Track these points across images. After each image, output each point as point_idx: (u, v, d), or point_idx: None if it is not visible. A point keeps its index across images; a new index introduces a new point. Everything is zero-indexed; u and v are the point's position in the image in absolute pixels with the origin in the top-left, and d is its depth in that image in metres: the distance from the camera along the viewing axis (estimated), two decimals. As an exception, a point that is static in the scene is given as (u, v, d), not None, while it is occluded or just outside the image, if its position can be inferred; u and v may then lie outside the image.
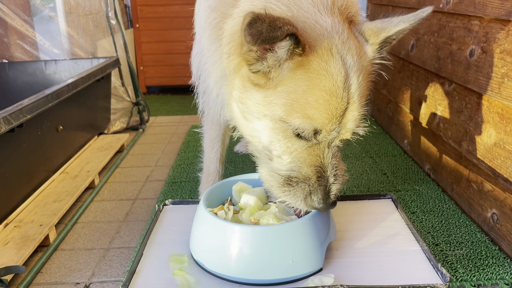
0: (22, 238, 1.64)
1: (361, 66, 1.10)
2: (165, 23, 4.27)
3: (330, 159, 1.13)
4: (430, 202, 1.92)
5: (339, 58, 1.06)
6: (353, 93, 1.08)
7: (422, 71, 2.20)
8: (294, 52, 1.02)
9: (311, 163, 1.13)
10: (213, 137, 1.75)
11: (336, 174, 1.15)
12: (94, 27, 3.26)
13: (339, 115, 1.08)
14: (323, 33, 1.07)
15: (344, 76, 1.06)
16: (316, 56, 1.04)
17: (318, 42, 1.05)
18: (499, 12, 1.51)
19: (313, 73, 1.04)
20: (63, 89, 2.14)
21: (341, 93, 1.05)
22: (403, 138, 2.55)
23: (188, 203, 1.68)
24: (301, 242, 1.20)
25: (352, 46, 1.09)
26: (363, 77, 1.10)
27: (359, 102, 1.09)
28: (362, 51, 1.12)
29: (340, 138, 1.13)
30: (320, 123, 1.07)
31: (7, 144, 1.71)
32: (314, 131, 1.08)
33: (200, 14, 1.51)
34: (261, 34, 0.91)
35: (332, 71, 1.04)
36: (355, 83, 1.08)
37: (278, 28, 0.91)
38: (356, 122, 1.11)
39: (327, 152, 1.13)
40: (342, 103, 1.06)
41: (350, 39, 1.10)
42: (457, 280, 1.41)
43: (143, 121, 3.26)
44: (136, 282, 1.22)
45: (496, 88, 1.54)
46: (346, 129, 1.11)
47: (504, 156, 1.50)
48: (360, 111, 1.11)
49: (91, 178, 2.19)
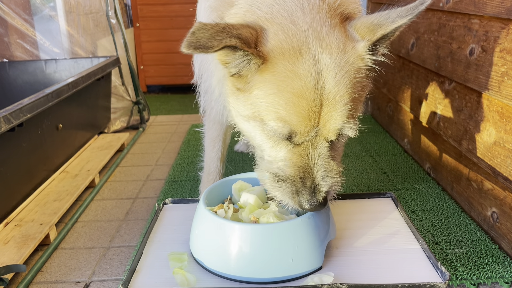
0: (22, 237, 1.64)
1: (342, 64, 1.06)
2: (165, 22, 4.27)
3: (316, 160, 1.11)
4: (430, 200, 1.92)
5: (310, 58, 1.04)
6: (328, 93, 1.04)
7: (422, 70, 2.20)
8: (252, 58, 1.06)
9: (296, 164, 1.12)
10: (214, 136, 1.75)
11: (324, 175, 1.12)
12: (94, 26, 3.26)
13: (312, 116, 1.06)
14: (296, 34, 1.07)
15: (314, 76, 1.04)
16: (282, 58, 1.06)
17: (286, 44, 1.06)
18: (499, 10, 1.51)
19: (280, 75, 1.06)
20: (63, 88, 2.14)
21: (311, 94, 1.04)
22: (403, 137, 2.55)
23: (188, 202, 1.68)
24: (301, 241, 1.20)
25: (332, 43, 1.06)
26: (343, 75, 1.06)
27: (337, 101, 1.05)
28: (346, 48, 1.08)
29: (326, 139, 1.11)
30: (293, 125, 1.07)
31: (7, 143, 1.71)
32: (289, 133, 1.08)
33: (201, 14, 1.53)
34: (197, 42, 0.98)
35: (300, 73, 1.04)
36: (330, 83, 1.04)
37: (216, 40, 0.98)
38: (338, 122, 1.07)
39: (312, 152, 1.11)
40: (313, 104, 1.04)
41: (330, 36, 1.07)
42: (457, 279, 1.41)
43: (143, 120, 3.26)
44: (136, 280, 1.22)
45: (496, 86, 1.53)
46: (327, 130, 1.08)
47: (504, 155, 1.50)
48: (341, 111, 1.06)
49: (91, 177, 2.19)
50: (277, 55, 1.06)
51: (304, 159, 1.12)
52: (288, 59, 1.05)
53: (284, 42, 1.07)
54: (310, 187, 1.12)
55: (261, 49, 1.07)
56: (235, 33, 1.02)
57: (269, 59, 1.07)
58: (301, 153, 1.12)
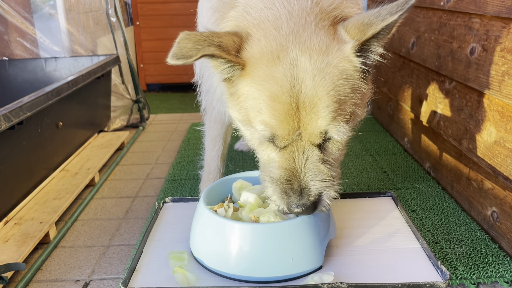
0: (22, 235, 1.64)
1: (322, 66, 1.05)
2: (165, 21, 4.26)
3: (304, 163, 1.10)
4: (430, 200, 1.92)
5: (288, 62, 1.05)
6: (305, 96, 1.04)
7: (423, 69, 2.20)
8: (233, 64, 1.10)
9: (283, 166, 1.13)
10: (215, 135, 1.75)
11: (312, 178, 1.11)
12: (94, 24, 3.26)
13: (290, 120, 1.05)
14: (276, 39, 1.08)
15: (290, 80, 1.04)
16: (261, 63, 1.07)
17: (266, 49, 1.08)
18: (499, 10, 1.50)
19: (259, 80, 1.07)
20: (63, 86, 2.14)
21: (287, 98, 1.04)
22: (404, 136, 2.55)
23: (188, 200, 1.68)
24: (301, 240, 1.20)
25: (313, 46, 1.06)
26: (323, 78, 1.04)
27: (315, 104, 1.04)
28: (330, 50, 1.06)
29: (311, 142, 1.09)
30: (273, 129, 1.08)
31: (7, 141, 1.71)
32: (271, 136, 1.10)
33: (204, 15, 1.54)
34: (180, 52, 1.03)
35: (276, 76, 1.05)
36: (307, 86, 1.04)
37: (196, 49, 1.03)
38: (318, 125, 1.05)
39: (298, 156, 1.10)
40: (289, 107, 1.04)
41: (313, 39, 1.06)
42: (457, 278, 1.41)
43: (143, 118, 3.26)
44: (136, 279, 1.22)
45: (497, 86, 1.53)
46: (308, 133, 1.07)
47: (504, 154, 1.50)
48: (321, 114, 1.04)
49: (91, 176, 2.19)
50: (257, 60, 1.08)
51: (290, 162, 1.11)
52: (266, 64, 1.07)
53: (264, 47, 1.08)
54: (297, 190, 1.11)
55: (242, 55, 1.10)
56: (216, 41, 1.06)
57: (249, 64, 1.09)
58: (288, 156, 1.11)
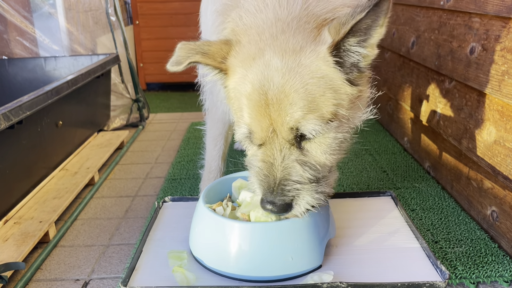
0: (22, 234, 1.64)
1: (293, 66, 1.07)
2: (165, 20, 4.26)
3: (280, 162, 1.11)
4: (430, 199, 1.92)
5: (262, 63, 1.08)
6: (273, 93, 1.06)
7: (423, 68, 2.20)
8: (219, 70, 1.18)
9: (263, 160, 1.14)
10: (216, 135, 1.75)
11: (287, 178, 1.11)
12: (94, 23, 3.26)
13: (261, 117, 1.09)
14: (257, 43, 1.12)
15: (260, 79, 1.08)
16: (240, 66, 1.13)
17: (247, 53, 1.13)
18: (499, 9, 1.50)
19: (237, 82, 1.14)
20: (63, 85, 2.14)
21: (257, 95, 1.08)
22: (403, 135, 2.55)
23: (188, 200, 1.68)
24: (300, 239, 1.20)
25: (288, 48, 1.08)
26: (293, 76, 1.06)
27: (282, 100, 1.06)
28: (303, 51, 1.08)
29: (285, 139, 1.10)
30: (249, 126, 1.12)
31: (7, 140, 1.71)
32: (249, 133, 1.14)
33: (208, 17, 1.55)
34: (175, 60, 1.16)
35: (250, 77, 1.10)
36: (276, 83, 1.06)
37: (187, 56, 1.14)
38: (287, 120, 1.06)
39: (275, 153, 1.12)
40: (259, 105, 1.08)
41: (289, 41, 1.09)
42: (456, 278, 1.41)
43: (143, 118, 3.25)
44: (136, 278, 1.22)
45: (497, 85, 1.53)
46: (279, 129, 1.09)
47: (504, 154, 1.50)
48: (288, 110, 1.06)
49: (90, 175, 2.19)
50: (237, 64, 1.14)
51: (269, 158, 1.13)
52: (244, 67, 1.12)
53: (246, 52, 1.13)
54: (270, 186, 1.12)
55: (227, 61, 1.16)
56: (205, 49, 1.16)
57: (231, 69, 1.16)
58: (266, 154, 1.13)
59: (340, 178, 2.16)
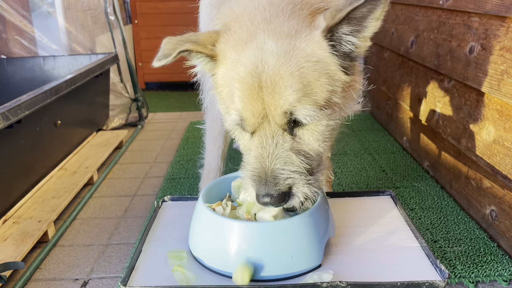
0: (20, 234, 1.64)
1: (288, 48, 1.05)
2: (164, 19, 4.26)
3: (273, 150, 1.09)
4: (429, 199, 1.92)
5: (254, 46, 1.06)
6: (267, 76, 1.04)
7: (422, 68, 2.20)
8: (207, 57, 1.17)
9: (254, 153, 1.12)
10: (215, 134, 1.74)
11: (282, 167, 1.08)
12: (93, 23, 3.25)
13: (254, 101, 1.06)
14: (249, 28, 1.11)
15: (253, 61, 1.05)
16: (231, 51, 1.11)
17: (238, 38, 1.11)
18: (499, 8, 1.50)
19: (228, 66, 1.12)
20: (62, 85, 2.13)
21: (249, 78, 1.05)
22: (402, 135, 2.55)
23: (187, 199, 1.68)
24: (300, 239, 1.20)
25: (282, 31, 1.06)
26: (288, 59, 1.04)
27: (276, 83, 1.03)
28: (299, 34, 1.06)
29: (278, 125, 1.07)
30: (240, 112, 1.09)
31: (6, 140, 1.71)
32: (240, 120, 1.11)
33: (203, 11, 1.53)
34: (162, 54, 1.15)
35: (242, 60, 1.08)
36: (270, 66, 1.04)
37: (174, 49, 1.13)
38: (280, 103, 1.04)
39: (266, 140, 1.09)
40: (252, 88, 1.05)
41: (284, 25, 1.07)
42: (456, 277, 1.41)
43: (142, 117, 3.25)
44: (135, 278, 1.22)
45: (496, 85, 1.53)
46: (272, 113, 1.06)
47: (503, 153, 1.50)
48: (283, 93, 1.03)
49: (89, 174, 2.19)
50: (228, 49, 1.12)
51: (259, 148, 1.10)
52: (235, 51, 1.10)
53: (237, 37, 1.11)
54: (263, 178, 1.09)
55: (217, 47, 1.14)
56: (194, 38, 1.15)
57: (221, 54, 1.13)
58: (257, 142, 1.10)
59: (339, 178, 2.16)
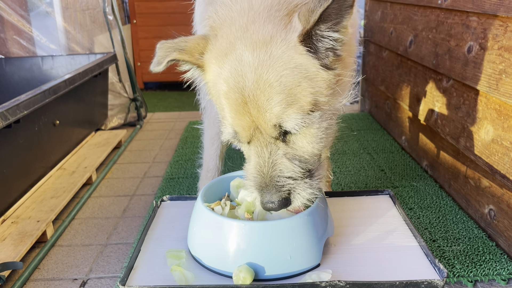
0: (19, 234, 1.64)
1: (264, 59, 1.04)
2: (163, 19, 4.25)
3: (267, 158, 1.10)
4: (428, 198, 1.92)
5: (234, 58, 1.06)
6: (249, 90, 1.04)
7: (420, 67, 2.20)
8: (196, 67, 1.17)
9: (253, 162, 1.14)
10: (213, 134, 1.74)
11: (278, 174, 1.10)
12: (91, 22, 3.25)
13: (242, 115, 1.07)
14: (228, 37, 1.09)
15: (235, 76, 1.05)
16: (214, 63, 1.11)
17: (219, 48, 1.10)
18: (497, 8, 1.50)
19: (214, 80, 1.12)
20: (60, 84, 2.13)
21: (234, 94, 1.06)
22: (401, 134, 2.55)
23: (186, 199, 1.68)
24: (299, 238, 1.20)
25: (258, 39, 1.05)
26: (266, 70, 1.03)
27: (258, 97, 1.03)
28: (274, 41, 1.05)
29: (269, 135, 1.08)
30: (233, 126, 1.11)
31: (4, 140, 1.70)
32: (234, 132, 1.12)
33: (197, 8, 1.53)
34: (157, 61, 1.15)
35: (224, 75, 1.07)
36: (250, 79, 1.04)
37: (164, 56, 1.13)
38: (267, 116, 1.04)
39: (261, 150, 1.10)
40: (237, 103, 1.06)
41: (259, 32, 1.05)
42: (454, 276, 1.42)
43: (141, 117, 3.25)
44: (134, 278, 1.22)
45: (494, 84, 1.54)
46: (261, 126, 1.07)
47: (502, 153, 1.51)
48: (266, 106, 1.03)
49: (88, 174, 2.19)
50: (212, 61, 1.12)
51: (255, 157, 1.12)
52: (217, 63, 1.10)
53: (219, 47, 1.10)
54: (262, 185, 1.12)
55: (204, 56, 1.14)
56: (182, 45, 1.14)
57: (207, 65, 1.13)
58: (254, 151, 1.12)
59: (338, 177, 2.16)
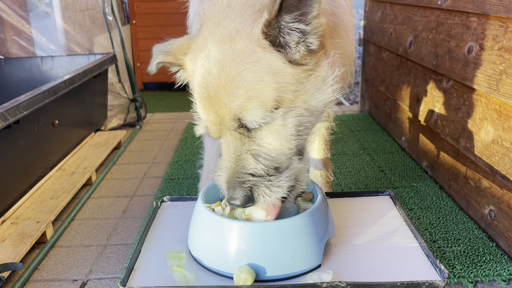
0: (19, 235, 1.63)
1: (227, 54, 1.03)
2: (162, 19, 4.25)
3: (232, 154, 1.10)
4: (428, 199, 1.92)
5: (204, 55, 1.07)
6: (212, 85, 1.05)
7: (420, 68, 2.20)
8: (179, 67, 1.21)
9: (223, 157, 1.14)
10: None
11: (239, 170, 1.09)
12: (91, 23, 3.25)
13: (208, 111, 1.08)
14: (204, 33, 1.11)
15: (203, 72, 1.07)
16: (191, 60, 1.14)
17: (196, 45, 1.13)
18: (497, 9, 1.51)
19: (191, 77, 1.15)
20: (60, 85, 2.13)
21: (201, 89, 1.08)
22: (401, 135, 2.55)
23: (186, 199, 1.67)
24: (299, 239, 1.20)
25: (225, 34, 1.04)
26: (227, 65, 1.02)
27: (219, 92, 1.03)
28: (238, 35, 1.03)
29: (231, 129, 1.07)
30: (204, 120, 1.12)
31: (4, 140, 1.70)
32: (206, 127, 1.14)
33: (191, 6, 1.53)
34: (151, 61, 1.22)
35: (196, 71, 1.10)
36: (213, 75, 1.04)
37: (154, 59, 1.21)
38: (226, 113, 1.04)
39: (226, 146, 1.11)
40: (203, 98, 1.08)
41: (227, 27, 1.05)
42: (455, 277, 1.42)
43: (140, 117, 3.25)
44: (134, 279, 1.22)
45: (494, 85, 1.54)
46: (224, 120, 1.06)
47: (502, 153, 1.51)
48: (226, 101, 1.03)
49: (88, 175, 2.18)
50: (190, 58, 1.14)
51: (225, 153, 1.12)
52: (193, 61, 1.12)
53: (196, 44, 1.13)
54: (225, 181, 1.12)
55: (186, 56, 1.16)
56: (168, 48, 1.19)
57: (186, 64, 1.16)
58: (223, 146, 1.13)
59: (338, 178, 2.16)
